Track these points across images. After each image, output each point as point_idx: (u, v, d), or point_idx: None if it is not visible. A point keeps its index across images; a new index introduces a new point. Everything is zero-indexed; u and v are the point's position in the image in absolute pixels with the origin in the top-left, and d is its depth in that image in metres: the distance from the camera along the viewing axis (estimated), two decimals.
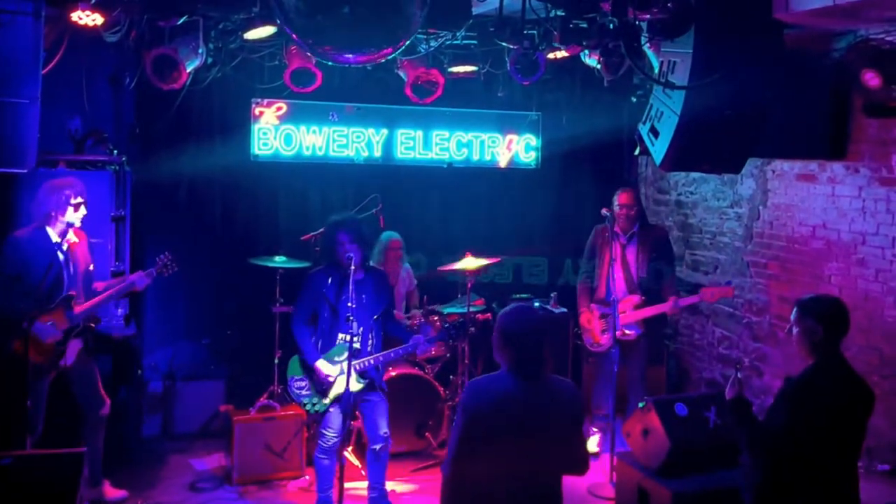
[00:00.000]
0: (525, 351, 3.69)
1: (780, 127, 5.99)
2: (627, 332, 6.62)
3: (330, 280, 5.62)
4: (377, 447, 5.62)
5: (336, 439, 5.48)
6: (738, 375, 4.02)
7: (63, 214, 5.40)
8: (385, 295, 5.79)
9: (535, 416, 3.65)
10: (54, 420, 5.56)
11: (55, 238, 5.41)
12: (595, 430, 7.01)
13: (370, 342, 5.63)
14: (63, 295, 5.39)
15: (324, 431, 5.56)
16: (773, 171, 7.07)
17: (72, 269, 5.49)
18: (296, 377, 5.63)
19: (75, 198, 5.41)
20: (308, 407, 5.61)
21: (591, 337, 6.90)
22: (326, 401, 5.56)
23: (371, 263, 7.03)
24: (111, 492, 5.80)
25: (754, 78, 5.12)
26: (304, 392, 5.61)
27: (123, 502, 5.52)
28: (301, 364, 5.64)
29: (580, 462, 3.79)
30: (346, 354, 5.34)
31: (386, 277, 5.97)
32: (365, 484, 5.87)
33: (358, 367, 5.49)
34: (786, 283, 6.90)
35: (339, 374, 5.49)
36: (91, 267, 5.67)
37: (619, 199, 6.78)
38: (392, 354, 5.71)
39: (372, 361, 5.60)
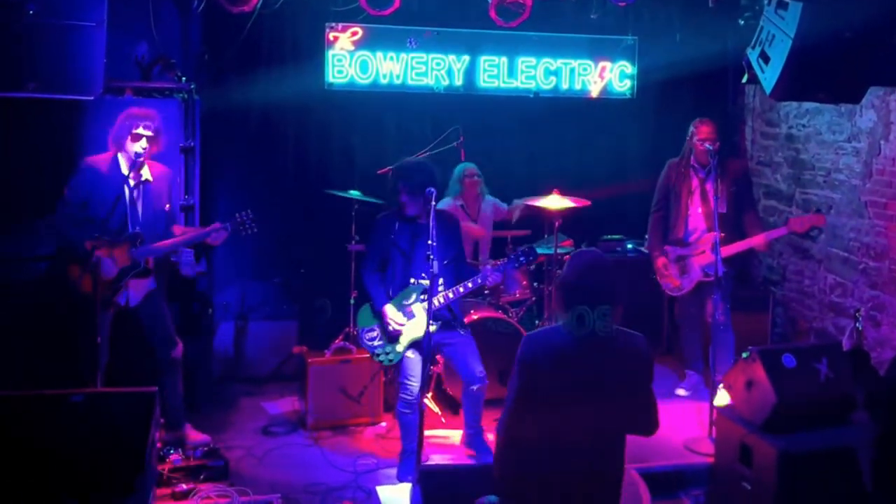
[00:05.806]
0: (580, 303, 3.63)
1: None
2: (708, 272, 6.59)
3: (398, 224, 5.68)
4: (474, 388, 5.66)
5: (418, 389, 5.47)
6: (857, 325, 3.92)
7: (123, 142, 5.40)
8: (455, 241, 5.80)
9: (593, 373, 3.62)
10: (127, 362, 5.73)
11: (124, 170, 5.43)
12: (690, 371, 7.20)
13: (440, 286, 5.62)
14: (130, 232, 5.45)
15: (405, 382, 5.58)
16: None
17: (140, 206, 5.51)
18: (366, 328, 5.70)
19: (137, 127, 5.38)
20: (381, 358, 5.66)
21: (668, 282, 6.92)
22: (399, 348, 5.60)
23: (449, 197, 7.08)
24: (194, 435, 5.92)
25: None
26: (375, 343, 5.67)
27: (205, 446, 5.66)
28: (371, 311, 5.71)
29: (647, 423, 3.75)
30: (413, 297, 5.49)
31: (457, 223, 5.94)
32: (445, 432, 6.09)
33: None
34: None
35: (411, 319, 5.56)
36: (167, 207, 5.66)
37: (699, 131, 6.68)
38: (461, 289, 5.65)
39: (442, 300, 5.59)
